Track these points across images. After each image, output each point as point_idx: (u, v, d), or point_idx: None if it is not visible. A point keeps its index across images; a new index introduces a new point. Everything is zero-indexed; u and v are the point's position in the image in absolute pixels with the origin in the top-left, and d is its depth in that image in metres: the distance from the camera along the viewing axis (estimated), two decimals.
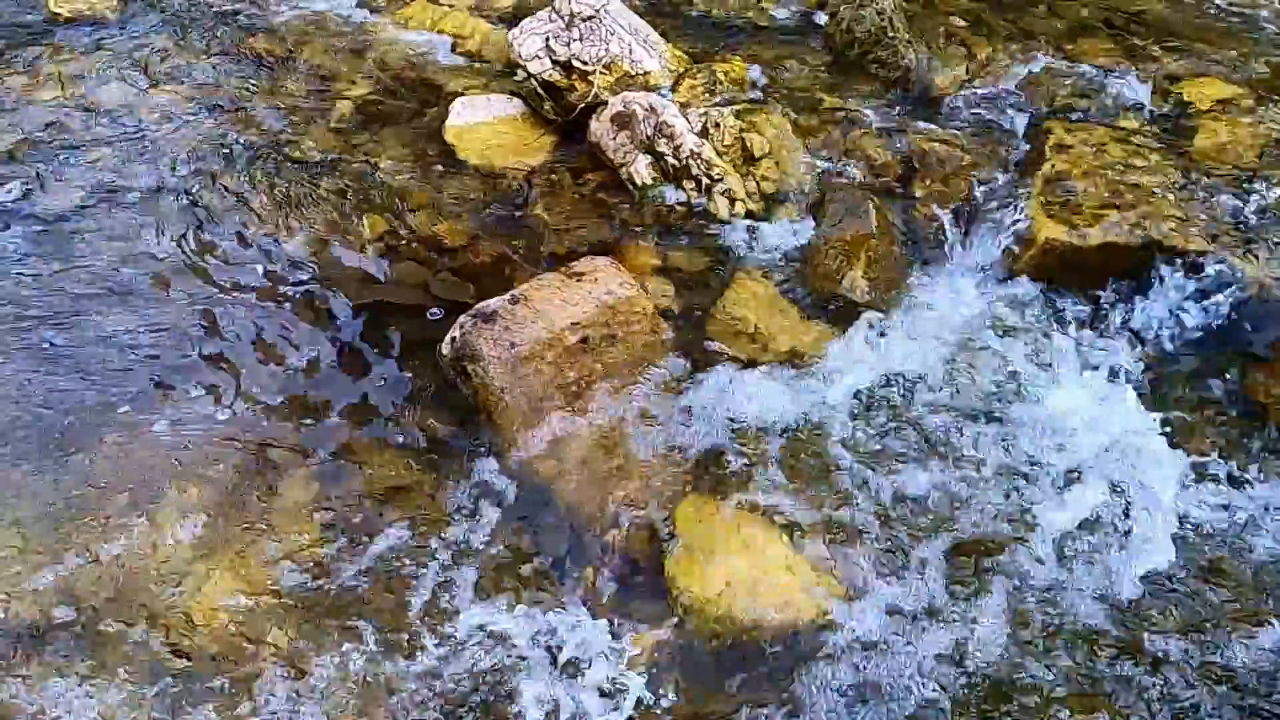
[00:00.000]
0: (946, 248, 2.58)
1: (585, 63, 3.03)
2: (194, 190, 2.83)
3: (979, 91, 2.99)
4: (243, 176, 2.88)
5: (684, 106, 2.90)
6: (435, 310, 2.48)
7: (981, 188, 2.69)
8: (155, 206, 2.77)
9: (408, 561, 2.04)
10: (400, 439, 2.25)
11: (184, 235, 2.70)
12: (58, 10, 3.40)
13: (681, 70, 3.12)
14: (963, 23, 3.28)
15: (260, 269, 2.63)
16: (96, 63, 3.25)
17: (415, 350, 2.45)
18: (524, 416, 2.19)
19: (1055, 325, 2.41)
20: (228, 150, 2.97)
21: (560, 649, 1.91)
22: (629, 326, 2.35)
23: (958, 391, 2.33)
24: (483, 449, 2.20)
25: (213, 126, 3.06)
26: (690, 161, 2.73)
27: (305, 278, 2.62)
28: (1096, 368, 2.35)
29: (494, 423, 2.20)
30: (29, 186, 2.77)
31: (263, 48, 3.42)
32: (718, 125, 2.78)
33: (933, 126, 2.90)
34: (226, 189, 2.85)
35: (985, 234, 2.55)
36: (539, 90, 3.03)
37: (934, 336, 2.42)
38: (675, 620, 1.92)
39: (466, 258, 2.67)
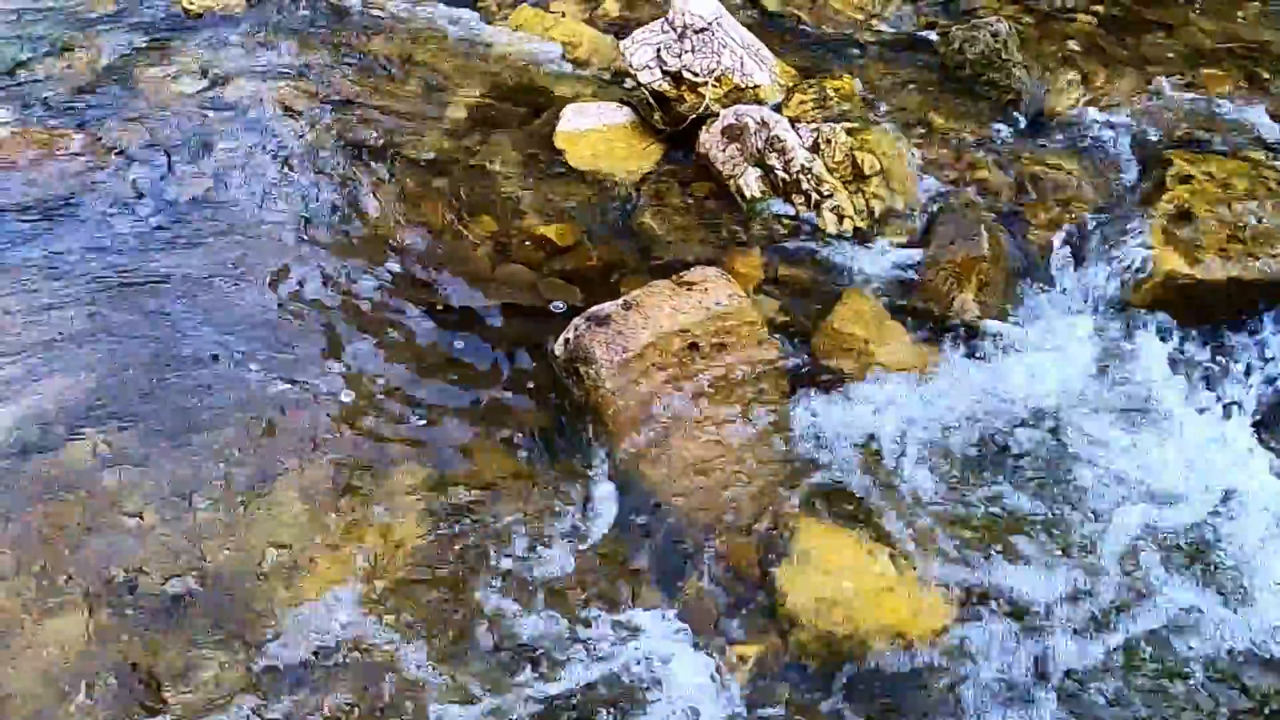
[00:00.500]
0: (1059, 275, 2.55)
1: (696, 74, 3.06)
2: (315, 183, 2.93)
3: (1095, 117, 2.95)
4: (361, 172, 2.98)
5: (794, 121, 2.92)
6: (557, 304, 2.53)
7: (1097, 216, 2.65)
8: (278, 197, 2.88)
9: (513, 555, 2.09)
10: (509, 434, 2.30)
11: (304, 227, 2.80)
12: (189, 6, 3.55)
13: (791, 85, 3.14)
14: (1078, 47, 3.24)
15: (376, 263, 2.71)
16: (225, 57, 3.38)
17: (524, 348, 2.50)
18: (633, 419, 2.23)
19: (1171, 360, 2.37)
20: (347, 146, 3.07)
21: (660, 653, 1.93)
22: (738, 337, 2.37)
23: (1065, 421, 2.30)
24: (591, 449, 2.24)
25: (333, 122, 3.17)
26: (800, 176, 2.74)
27: (419, 273, 2.69)
28: (1213, 407, 2.30)
29: (603, 424, 2.24)
30: (162, 173, 2.90)
31: (380, 49, 3.52)
32: (829, 141, 2.79)
33: (1046, 151, 2.87)
34: (346, 183, 2.94)
35: (1101, 263, 2.52)
36: (649, 100, 3.08)
37: (1044, 364, 2.39)
38: (780, 631, 1.93)
39: (575, 261, 2.72)
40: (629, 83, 3.18)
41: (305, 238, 2.77)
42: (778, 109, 3.00)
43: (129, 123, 3.05)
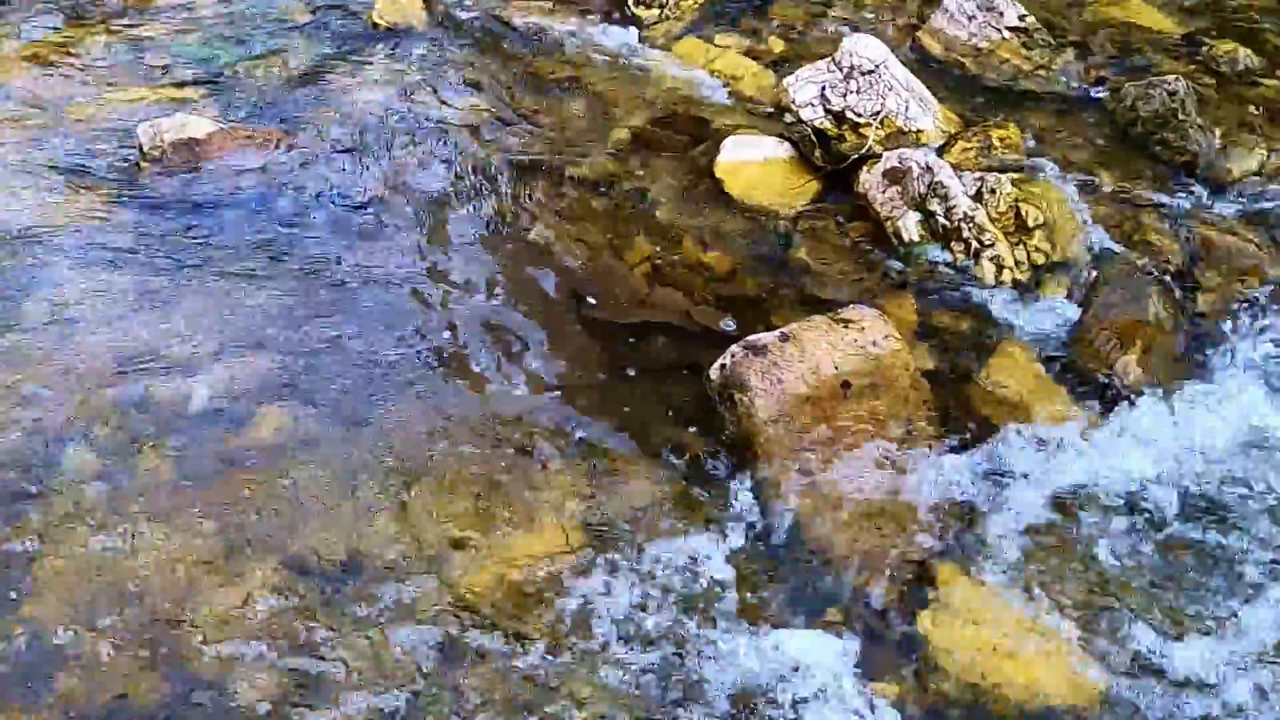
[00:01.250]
0: (1230, 345, 2.48)
1: (859, 115, 3.10)
2: (484, 194, 3.08)
3: (1275, 186, 2.86)
4: (527, 187, 3.11)
5: (956, 168, 2.92)
6: (717, 328, 2.58)
7: (1273, 287, 2.57)
8: (450, 204, 3.04)
9: (656, 573, 2.14)
10: (658, 454, 2.37)
11: (472, 234, 2.95)
12: (379, 20, 3.78)
13: (954, 131, 3.14)
14: (1260, 113, 3.14)
15: (538, 275, 2.83)
16: (407, 68, 3.59)
17: (676, 369, 2.57)
18: (784, 451, 2.26)
19: None
20: (515, 160, 3.21)
21: (798, 682, 1.95)
22: (891, 379, 2.38)
23: (1226, 496, 2.23)
24: (740, 475, 2.28)
25: (502, 137, 3.33)
26: (962, 224, 2.74)
27: (577, 288, 2.80)
28: None
29: (753, 452, 2.28)
30: (346, 173, 3.10)
31: (549, 70, 3.67)
32: (993, 191, 2.78)
33: (1221, 217, 2.79)
34: (512, 196, 3.09)
35: (1276, 336, 2.44)
36: (810, 137, 3.12)
37: (1207, 435, 2.33)
38: (921, 676, 1.93)
39: (729, 289, 2.79)
40: (789, 118, 3.23)
41: (472, 245, 2.92)
42: (940, 154, 3.01)
43: (319, 125, 3.27)
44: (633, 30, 3.84)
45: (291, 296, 2.66)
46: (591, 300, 2.75)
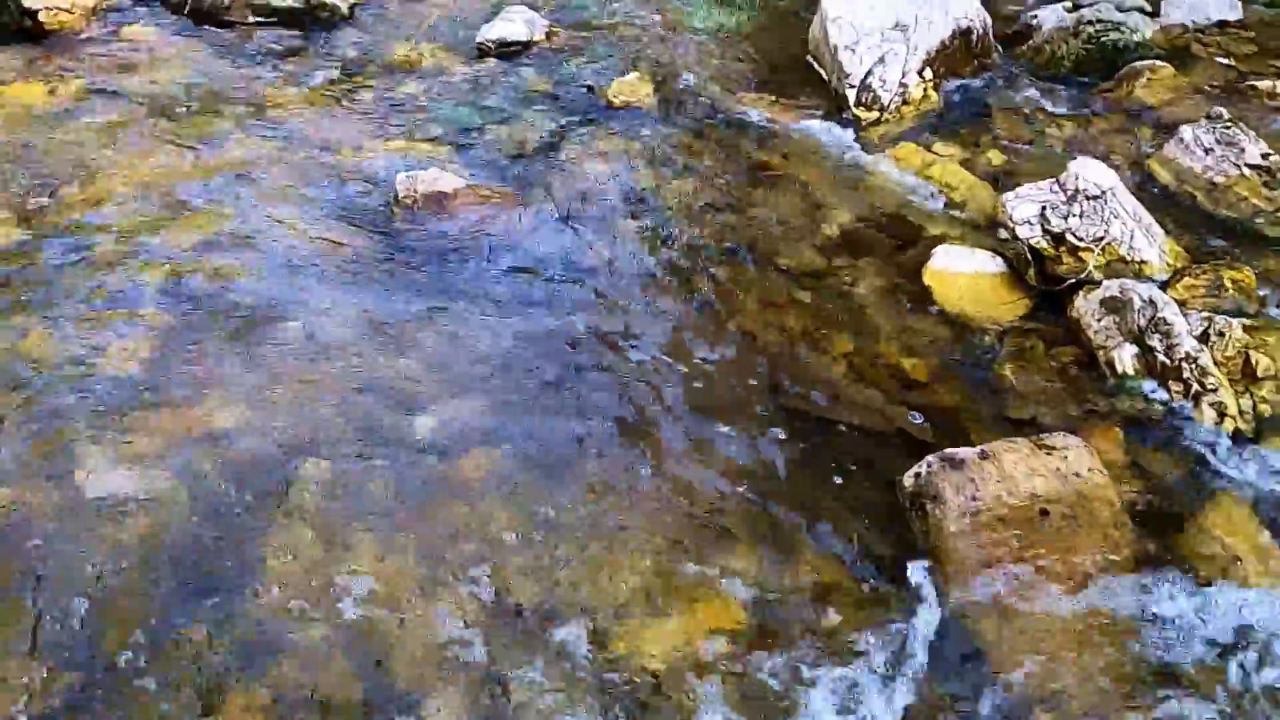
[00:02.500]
0: None
1: (1080, 239, 3.07)
2: (692, 273, 3.23)
3: None
4: (735, 271, 3.24)
5: (1181, 305, 2.83)
6: (923, 430, 2.60)
7: None
8: (662, 279, 3.20)
9: (823, 665, 2.15)
10: (840, 547, 2.39)
11: (678, 312, 3.09)
12: (613, 99, 4.06)
13: (1180, 266, 3.05)
14: None
15: (737, 356, 2.93)
16: (633, 147, 3.83)
17: (866, 468, 2.59)
18: (971, 569, 2.24)
19: None
20: (725, 245, 3.35)
21: None
22: (1092, 513, 2.32)
23: None
24: (922, 585, 2.27)
25: (715, 220, 3.48)
26: (1183, 364, 2.65)
27: (773, 375, 2.87)
28: None
29: (939, 564, 2.27)
30: (572, 238, 3.32)
31: (765, 160, 3.82)
32: (1221, 334, 2.68)
33: None
34: (719, 279, 3.22)
35: None
36: (1025, 255, 3.11)
37: None
38: None
39: (927, 397, 2.79)
40: (1004, 234, 3.23)
41: (679, 319, 3.05)
42: (1164, 289, 2.93)
43: (551, 191, 3.53)
44: (851, 130, 3.95)
45: (512, 347, 2.86)
46: (787, 389, 2.82)
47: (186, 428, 2.57)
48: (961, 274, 3.15)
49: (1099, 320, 2.84)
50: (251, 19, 4.66)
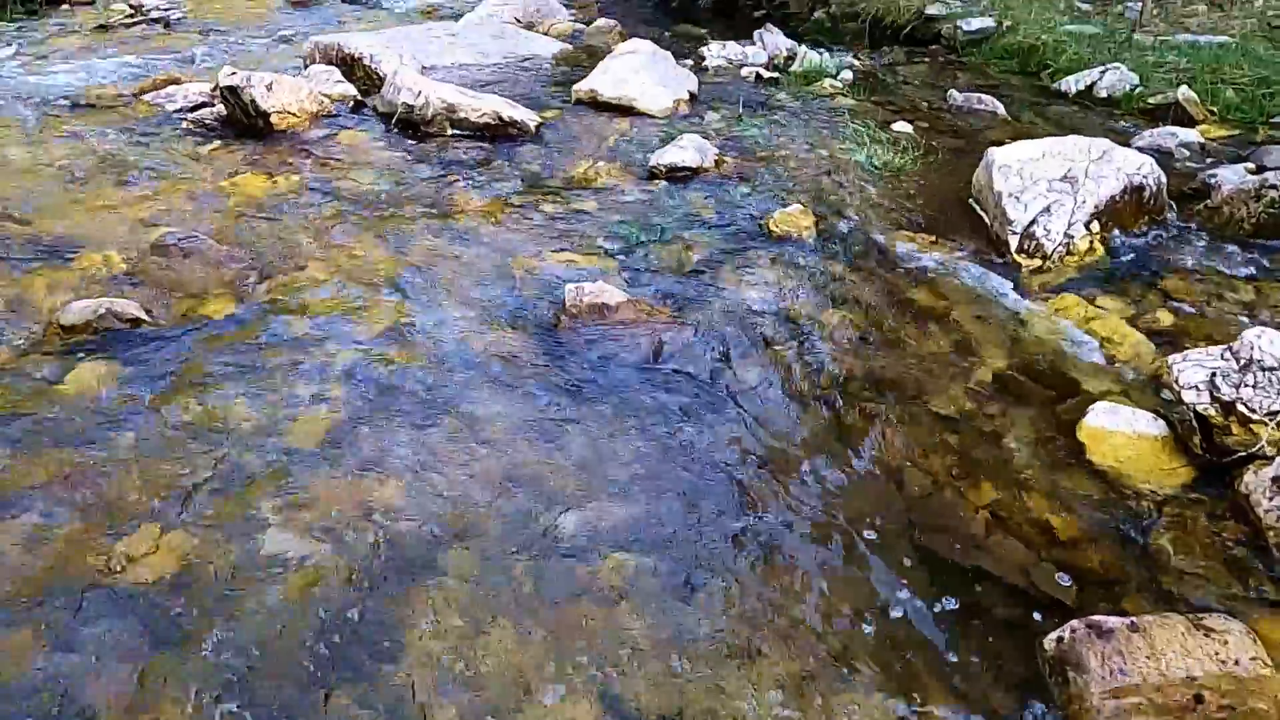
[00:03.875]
0: None
1: (1253, 411, 2.94)
2: (840, 406, 3.27)
3: None
4: (879, 406, 3.26)
5: None
6: (1067, 593, 2.50)
7: None
8: (806, 410, 3.26)
9: None
10: (971, 705, 2.31)
11: (820, 442, 3.13)
12: (774, 228, 4.23)
13: None
14: None
15: (875, 494, 2.93)
16: (789, 276, 3.96)
17: (1002, 624, 2.52)
18: None
19: None
20: (873, 380, 3.39)
21: None
22: (1253, 708, 2.17)
23: None
24: None
25: (865, 354, 3.53)
26: None
27: (912, 517, 2.85)
28: None
29: None
30: (721, 359, 3.44)
31: (920, 299, 3.87)
32: None
33: None
34: (865, 414, 3.24)
35: None
36: (1191, 421, 3.00)
37: None
38: None
39: (1072, 556, 2.70)
40: (1169, 397, 3.14)
41: (820, 449, 3.09)
42: None
43: (707, 312, 3.68)
44: (1010, 277, 3.96)
45: (658, 458, 2.97)
46: (928, 532, 2.80)
47: (353, 501, 2.78)
48: (1119, 433, 3.07)
49: (1270, 499, 2.70)
50: (450, 131, 5.14)
